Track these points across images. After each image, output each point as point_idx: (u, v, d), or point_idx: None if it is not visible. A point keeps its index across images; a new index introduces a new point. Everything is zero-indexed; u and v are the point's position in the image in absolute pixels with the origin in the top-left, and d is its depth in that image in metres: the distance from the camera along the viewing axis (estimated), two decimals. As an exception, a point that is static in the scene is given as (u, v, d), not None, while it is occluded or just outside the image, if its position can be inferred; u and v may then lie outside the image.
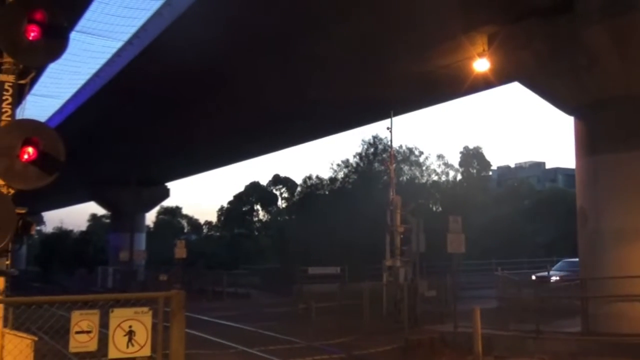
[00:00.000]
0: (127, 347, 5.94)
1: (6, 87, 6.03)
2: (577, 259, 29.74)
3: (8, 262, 6.01)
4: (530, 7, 15.90)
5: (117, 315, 5.92)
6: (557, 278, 24.84)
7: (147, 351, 5.93)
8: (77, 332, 5.77)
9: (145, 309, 6.06)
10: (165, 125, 31.83)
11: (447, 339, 15.81)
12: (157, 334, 5.94)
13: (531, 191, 56.37)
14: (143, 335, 5.97)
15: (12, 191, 5.80)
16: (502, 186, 66.16)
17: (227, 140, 35.86)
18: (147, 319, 6.00)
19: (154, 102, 27.40)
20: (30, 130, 5.85)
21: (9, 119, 5.96)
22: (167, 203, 67.67)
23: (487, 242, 40.80)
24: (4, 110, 5.99)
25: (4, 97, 6.02)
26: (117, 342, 5.87)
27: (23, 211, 5.86)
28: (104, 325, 5.76)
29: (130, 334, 5.89)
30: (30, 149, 5.70)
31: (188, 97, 26.81)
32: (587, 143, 16.47)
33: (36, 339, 5.86)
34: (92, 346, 5.80)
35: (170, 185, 53.81)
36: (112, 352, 5.83)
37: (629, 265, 14.52)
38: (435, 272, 25.37)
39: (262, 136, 34.85)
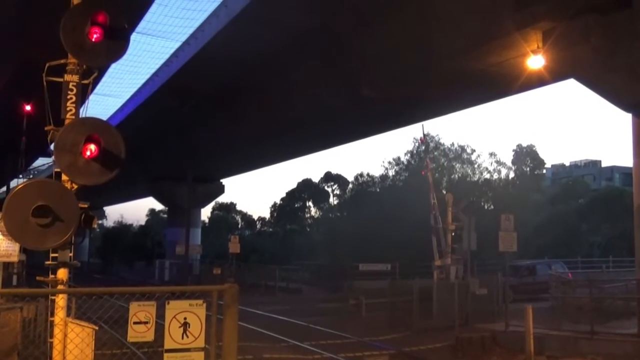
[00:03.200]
0: (182, 338, 5.98)
1: (70, 86, 6.23)
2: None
3: (71, 254, 6.21)
4: (587, 3, 15.59)
5: (173, 307, 5.97)
6: None
7: (201, 343, 5.98)
8: (135, 323, 5.88)
9: (199, 301, 6.07)
10: (220, 123, 32.38)
11: (498, 338, 15.66)
12: (211, 326, 6.00)
13: (586, 190, 54.79)
14: (197, 327, 6.00)
15: (75, 186, 6.00)
16: (556, 185, 64.53)
17: (279, 138, 36.20)
18: (201, 311, 6.02)
19: (208, 101, 27.92)
20: (93, 128, 6.01)
21: (73, 117, 6.15)
22: (222, 199, 68.69)
23: (541, 241, 39.93)
24: (68, 108, 6.18)
25: (68, 97, 6.21)
26: (173, 333, 5.94)
27: (85, 205, 6.04)
28: (160, 316, 5.86)
29: (185, 325, 5.96)
30: (92, 146, 5.85)
31: (241, 95, 27.22)
32: (646, 140, 16.08)
33: (97, 328, 6.02)
34: (149, 336, 5.87)
35: (224, 181, 54.60)
36: (168, 343, 5.91)
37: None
38: (486, 271, 25.07)
39: (314, 133, 35.06)
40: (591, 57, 16.22)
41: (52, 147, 6.39)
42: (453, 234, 21.28)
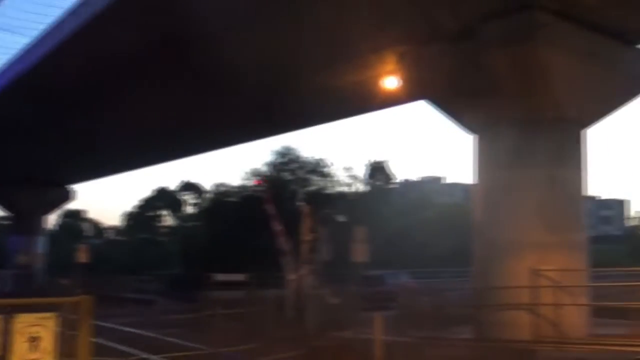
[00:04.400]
0: (31, 353, 5.81)
1: None
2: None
3: None
4: (437, 31, 16.77)
5: (21, 321, 5.78)
6: None
7: (51, 357, 5.86)
8: None
9: (50, 314, 5.91)
10: (73, 127, 30.88)
11: (349, 346, 16.26)
12: (63, 340, 5.83)
13: (432, 204, 58.56)
14: (47, 341, 5.85)
15: None
16: (405, 199, 68.18)
17: (136, 145, 35.15)
18: (52, 324, 5.88)
19: (61, 103, 26.65)
20: None
21: None
22: (72, 205, 65.31)
23: (390, 252, 41.97)
24: None
25: None
26: (20, 349, 5.74)
27: None
28: (5, 331, 5.67)
29: (34, 340, 5.77)
30: None
31: (96, 99, 26.22)
32: (485, 161, 17.52)
33: None
34: None
35: (75, 187, 51.97)
36: (15, 359, 5.68)
37: (517, 276, 15.55)
38: (340, 281, 25.95)
39: (172, 141, 34.42)
40: (441, 82, 17.44)
41: None
42: (309, 244, 21.88)
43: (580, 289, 16.09)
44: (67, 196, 51.84)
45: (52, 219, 62.67)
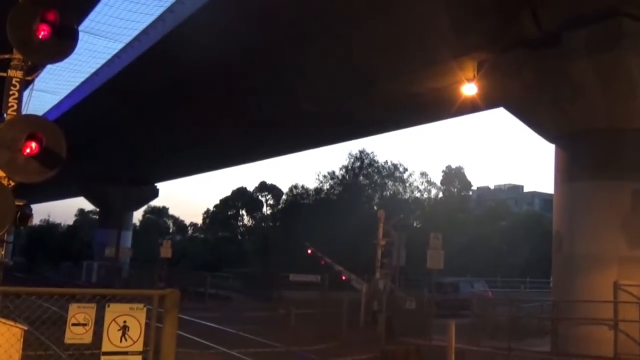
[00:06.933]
0: (121, 341, 6.00)
1: (14, 82, 6.18)
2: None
3: (3, 253, 6.17)
4: (519, 38, 16.46)
5: (113, 310, 5.98)
6: None
7: (139, 347, 5.99)
8: (74, 324, 5.82)
9: (140, 305, 6.09)
10: (159, 128, 32.12)
11: (422, 352, 16.24)
12: (151, 330, 6.08)
13: (508, 213, 56.99)
14: (137, 330, 6.01)
15: (12, 183, 5.99)
16: (481, 206, 66.72)
17: (217, 146, 36.17)
18: (142, 315, 6.05)
19: (148, 104, 27.71)
20: (35, 125, 6.04)
21: (14, 113, 6.11)
22: (155, 203, 67.80)
23: (464, 260, 41.27)
24: (10, 104, 6.12)
25: (11, 92, 6.16)
26: (111, 336, 5.95)
27: (22, 203, 6.05)
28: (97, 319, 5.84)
29: (125, 329, 5.99)
30: (33, 144, 5.85)
31: (182, 102, 27.13)
32: (566, 170, 17.06)
33: (26, 328, 5.86)
34: (87, 339, 5.83)
35: (159, 185, 53.94)
36: (106, 346, 5.91)
37: (599, 290, 15.05)
38: (411, 286, 25.85)
39: (252, 144, 35.20)
40: (520, 89, 17.13)
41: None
42: (383, 249, 21.96)
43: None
44: (153, 193, 53.82)
45: (136, 214, 65.29)
